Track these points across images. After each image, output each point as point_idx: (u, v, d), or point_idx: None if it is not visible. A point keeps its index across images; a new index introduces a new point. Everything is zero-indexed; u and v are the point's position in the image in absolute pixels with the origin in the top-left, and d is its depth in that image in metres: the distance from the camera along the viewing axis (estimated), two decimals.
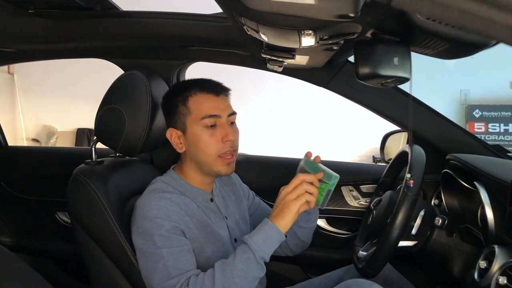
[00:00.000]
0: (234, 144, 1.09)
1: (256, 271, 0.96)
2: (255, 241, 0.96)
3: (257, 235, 0.97)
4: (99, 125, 1.19)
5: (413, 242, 1.12)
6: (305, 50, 0.97)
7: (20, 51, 1.47)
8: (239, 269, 0.94)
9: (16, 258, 0.74)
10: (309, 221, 1.17)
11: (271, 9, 0.60)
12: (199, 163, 1.10)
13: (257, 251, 0.95)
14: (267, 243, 0.97)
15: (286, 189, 0.99)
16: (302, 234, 1.19)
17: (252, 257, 0.95)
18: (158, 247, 0.98)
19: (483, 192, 1.05)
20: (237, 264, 0.95)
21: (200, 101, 1.09)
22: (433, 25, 0.68)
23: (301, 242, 1.22)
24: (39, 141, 4.28)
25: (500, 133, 4.02)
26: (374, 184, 1.50)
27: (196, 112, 1.08)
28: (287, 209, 0.97)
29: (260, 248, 0.96)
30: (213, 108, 1.08)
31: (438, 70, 3.79)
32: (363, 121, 3.40)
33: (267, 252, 0.97)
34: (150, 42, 1.36)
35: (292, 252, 1.26)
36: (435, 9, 0.43)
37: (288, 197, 0.98)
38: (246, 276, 0.95)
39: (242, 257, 0.96)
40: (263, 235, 0.97)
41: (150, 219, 1.00)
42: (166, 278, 0.96)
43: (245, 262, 0.95)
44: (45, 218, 1.70)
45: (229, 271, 0.94)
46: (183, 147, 1.11)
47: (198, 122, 1.07)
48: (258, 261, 0.96)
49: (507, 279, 0.86)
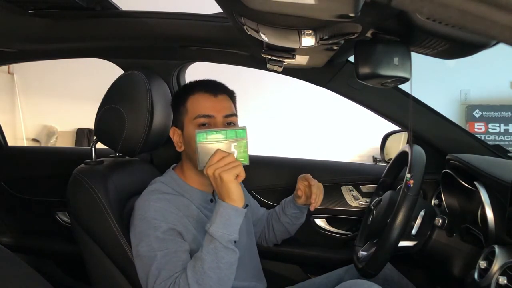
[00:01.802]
0: None
1: (227, 257, 0.94)
2: (216, 228, 0.93)
3: (216, 222, 0.94)
4: (99, 125, 1.19)
5: (413, 242, 1.12)
6: (305, 50, 0.97)
7: (20, 51, 1.47)
8: (209, 260, 0.93)
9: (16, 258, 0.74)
10: (300, 218, 1.31)
11: (271, 9, 0.60)
12: (194, 162, 1.10)
13: (222, 237, 0.93)
14: (229, 224, 0.94)
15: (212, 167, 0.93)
16: (292, 229, 1.34)
17: (219, 245, 0.93)
18: (153, 249, 0.98)
19: (483, 192, 1.05)
20: (205, 256, 0.93)
21: (197, 100, 1.10)
22: (433, 25, 0.68)
23: (288, 234, 1.36)
24: (39, 141, 4.28)
25: (500, 133, 4.02)
26: (374, 184, 1.50)
27: (191, 111, 1.09)
28: (225, 182, 0.93)
29: (223, 232, 0.93)
30: (207, 108, 1.08)
31: (438, 70, 3.79)
32: (363, 121, 3.40)
33: (232, 233, 0.94)
34: (150, 42, 1.36)
35: (276, 242, 1.38)
36: (435, 9, 0.43)
37: (216, 171, 0.93)
38: (218, 265, 0.93)
39: (208, 248, 0.93)
40: (221, 218, 0.94)
41: (147, 220, 1.00)
42: (158, 280, 0.96)
43: (212, 252, 0.93)
44: (45, 218, 1.70)
45: (199, 266, 0.93)
46: (182, 146, 1.13)
47: (192, 121, 1.08)
48: (226, 246, 0.94)
49: (507, 279, 0.86)
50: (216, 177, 0.94)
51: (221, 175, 0.93)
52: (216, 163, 0.93)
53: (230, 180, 0.93)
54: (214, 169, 0.93)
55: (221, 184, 0.94)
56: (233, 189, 0.94)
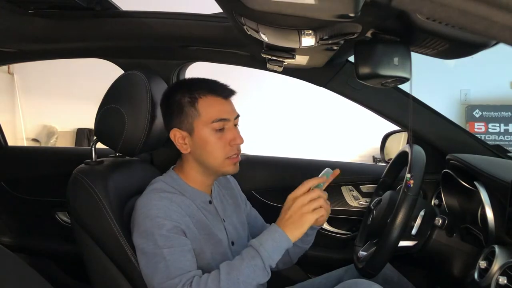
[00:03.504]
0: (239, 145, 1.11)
1: (261, 278, 0.95)
2: (266, 248, 0.95)
3: (267, 242, 0.95)
4: (99, 125, 1.19)
5: (413, 242, 1.12)
6: (305, 50, 0.97)
7: (20, 51, 1.47)
8: (246, 274, 0.93)
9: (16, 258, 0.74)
10: (306, 242, 1.19)
11: (271, 9, 0.60)
12: (204, 164, 1.10)
13: (267, 259, 0.94)
14: (277, 251, 0.96)
15: (302, 199, 0.97)
16: (294, 253, 1.22)
17: (261, 264, 0.94)
18: (159, 247, 0.98)
19: (483, 192, 1.05)
20: (244, 269, 0.94)
21: (210, 104, 1.08)
22: (433, 25, 0.68)
23: (289, 260, 1.23)
24: (39, 141, 4.28)
25: (500, 133, 4.02)
26: (374, 184, 1.50)
27: (206, 115, 1.07)
28: (304, 220, 0.95)
29: (270, 255, 0.95)
30: (223, 112, 1.08)
31: (438, 70, 3.79)
32: (363, 121, 3.40)
33: (275, 260, 0.96)
34: (150, 42, 1.36)
35: (276, 268, 1.24)
36: (435, 9, 0.43)
37: (305, 208, 0.96)
38: (252, 282, 0.94)
39: (250, 263, 0.94)
40: (274, 242, 0.95)
41: (151, 218, 1.00)
42: (167, 278, 0.96)
43: (252, 269, 0.94)
44: (45, 218, 1.70)
45: (235, 275, 0.93)
46: (188, 148, 1.10)
47: (208, 125, 1.07)
48: (266, 268, 0.95)
49: (507, 279, 0.86)
50: (299, 208, 0.96)
51: (307, 212, 0.95)
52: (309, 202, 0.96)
53: (309, 222, 0.96)
54: (304, 203, 0.96)
55: (299, 217, 0.96)
56: (303, 229, 0.96)
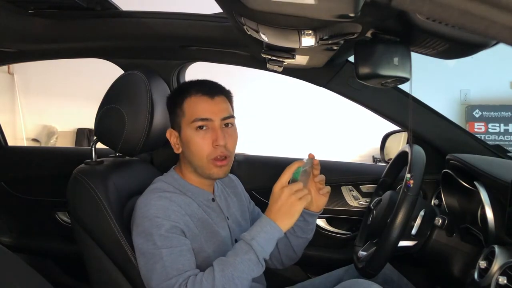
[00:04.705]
0: (227, 148, 1.07)
1: (256, 271, 0.96)
2: (258, 241, 0.95)
3: (259, 235, 0.96)
4: (99, 125, 1.19)
5: (413, 242, 1.12)
6: (305, 50, 0.97)
7: (20, 51, 1.47)
8: (240, 270, 0.93)
9: (16, 258, 0.74)
10: (306, 232, 1.18)
11: (271, 9, 0.60)
12: (192, 164, 1.10)
13: (260, 252, 0.95)
14: (269, 243, 0.96)
15: (289, 189, 0.97)
16: (296, 245, 1.20)
17: (255, 258, 0.94)
18: (158, 247, 0.98)
19: (483, 192, 1.05)
20: (238, 265, 0.94)
21: (194, 103, 1.08)
22: (433, 25, 0.68)
23: (293, 254, 1.22)
24: (39, 141, 4.28)
25: (500, 133, 4.02)
26: (374, 184, 1.50)
27: (189, 114, 1.08)
28: (294, 209, 0.96)
29: (263, 248, 0.95)
30: (205, 111, 1.07)
31: (438, 70, 3.79)
32: (363, 121, 3.40)
33: (268, 252, 0.97)
34: (150, 42, 1.36)
35: (282, 265, 1.25)
36: (435, 9, 0.43)
37: (294, 196, 0.96)
38: (247, 277, 0.94)
39: (243, 258, 0.94)
40: (266, 234, 0.96)
41: (149, 218, 1.00)
42: (164, 279, 0.96)
43: (246, 263, 0.94)
44: (45, 218, 1.70)
45: (229, 272, 0.93)
46: (179, 148, 1.12)
47: (190, 124, 1.07)
48: (260, 261, 0.95)
49: (507, 279, 0.86)
50: (287, 197, 0.96)
51: (295, 200, 0.96)
52: (296, 191, 0.97)
53: (299, 210, 0.97)
54: (291, 192, 0.97)
55: (289, 206, 0.96)
56: (294, 218, 0.97)
